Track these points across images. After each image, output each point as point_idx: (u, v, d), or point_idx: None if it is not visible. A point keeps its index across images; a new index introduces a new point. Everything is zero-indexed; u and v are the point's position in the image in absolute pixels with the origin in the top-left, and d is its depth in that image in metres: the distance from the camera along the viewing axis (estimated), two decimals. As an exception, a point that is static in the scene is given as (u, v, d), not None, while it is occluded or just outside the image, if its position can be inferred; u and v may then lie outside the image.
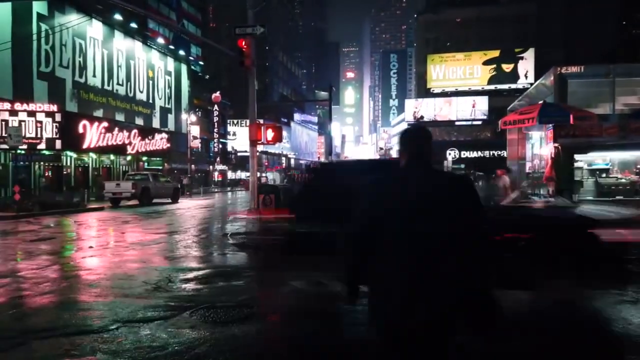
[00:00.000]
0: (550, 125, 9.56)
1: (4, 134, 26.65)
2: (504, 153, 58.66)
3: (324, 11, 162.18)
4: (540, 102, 11.93)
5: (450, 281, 2.04)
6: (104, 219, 17.70)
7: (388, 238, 2.11)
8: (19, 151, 26.53)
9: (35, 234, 13.28)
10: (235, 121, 76.24)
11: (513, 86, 64.83)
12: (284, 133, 44.95)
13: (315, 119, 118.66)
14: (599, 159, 13.92)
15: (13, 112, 27.31)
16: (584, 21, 57.78)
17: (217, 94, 58.37)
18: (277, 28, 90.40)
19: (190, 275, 7.69)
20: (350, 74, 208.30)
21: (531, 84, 60.71)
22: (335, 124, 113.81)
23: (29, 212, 18.54)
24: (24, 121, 27.06)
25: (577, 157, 11.63)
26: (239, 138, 73.43)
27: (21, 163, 28.50)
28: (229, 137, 68.63)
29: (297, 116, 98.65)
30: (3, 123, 26.94)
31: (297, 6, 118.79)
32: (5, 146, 26.98)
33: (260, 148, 74.74)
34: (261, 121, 15.00)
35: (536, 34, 64.12)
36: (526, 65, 64.79)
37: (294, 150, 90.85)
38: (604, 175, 13.71)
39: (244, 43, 12.26)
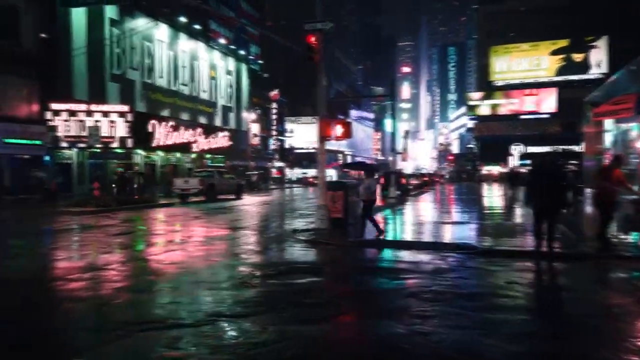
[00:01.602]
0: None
1: (81, 134, 28.35)
2: (576, 147, 55.70)
3: (379, 5, 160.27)
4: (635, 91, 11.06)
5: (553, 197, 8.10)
6: (176, 214, 18.32)
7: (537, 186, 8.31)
8: (94, 150, 28.10)
9: (116, 228, 13.93)
10: (292, 118, 76.98)
11: (584, 77, 61.27)
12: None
13: (371, 115, 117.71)
14: None
15: (89, 113, 28.89)
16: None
17: (276, 91, 59.13)
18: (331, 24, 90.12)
19: (270, 271, 7.71)
20: (406, 69, 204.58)
21: (604, 74, 57.21)
22: (390, 120, 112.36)
23: (107, 207, 19.51)
24: (99, 121, 28.53)
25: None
26: (296, 135, 74.14)
27: (96, 161, 30.25)
28: (286, 134, 69.36)
29: (353, 112, 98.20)
30: (80, 123, 28.57)
31: (352, 1, 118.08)
32: (82, 145, 28.72)
33: (316, 145, 75.37)
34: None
35: (609, 21, 59.94)
36: (599, 54, 60.95)
37: (350, 147, 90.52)
38: None
39: (313, 39, 12.20)
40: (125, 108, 30.30)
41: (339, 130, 12.74)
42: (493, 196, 31.04)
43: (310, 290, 6.63)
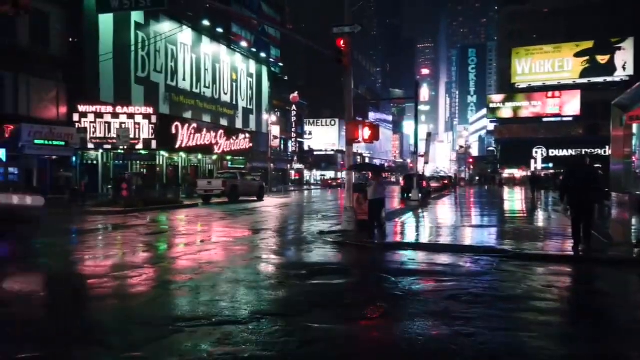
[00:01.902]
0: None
1: (107, 135, 28.94)
2: (600, 151, 54.77)
3: (399, 8, 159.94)
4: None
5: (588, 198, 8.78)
6: (201, 215, 18.59)
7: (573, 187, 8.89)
8: (119, 151, 28.64)
9: (147, 227, 14.22)
10: (311, 120, 77.26)
11: (609, 79, 60.23)
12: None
13: (390, 118, 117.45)
14: None
15: (115, 115, 29.48)
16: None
17: (295, 94, 59.47)
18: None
19: (304, 271, 7.81)
20: (425, 71, 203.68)
21: (630, 76, 56.16)
22: (408, 123, 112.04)
23: (134, 207, 19.88)
24: (124, 123, 29.09)
25: None
26: (315, 137, 74.38)
27: (121, 162, 30.81)
28: (305, 136, 69.67)
29: (371, 115, 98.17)
30: (106, 125, 29.17)
31: (372, 3, 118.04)
32: (108, 146, 29.31)
33: (334, 147, 75.06)
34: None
35: (636, 22, 58.81)
36: (624, 55, 59.84)
37: (368, 150, 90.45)
38: None
39: (342, 42, 12.30)
40: (149, 110, 30.85)
41: (366, 132, 12.82)
42: (515, 199, 30.72)
43: (348, 291, 6.73)
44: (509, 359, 4.11)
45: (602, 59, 61.07)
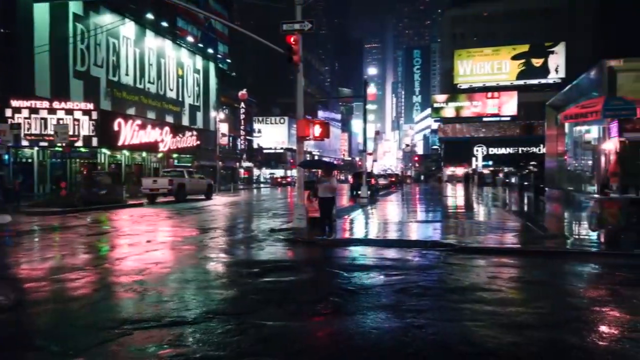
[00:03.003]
0: (614, 119, 9.33)
1: (43, 132, 27.40)
2: (535, 149, 57.81)
3: (347, 8, 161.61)
4: (595, 94, 11.68)
5: None
6: (147, 215, 17.98)
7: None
8: (56, 148, 27.18)
9: (88, 228, 13.57)
10: (260, 118, 76.66)
11: (543, 81, 63.60)
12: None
13: (338, 116, 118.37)
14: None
15: (52, 111, 27.95)
16: (616, 13, 56.14)
17: (244, 91, 58.71)
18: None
19: (256, 269, 7.74)
20: (372, 71, 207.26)
21: (562, 79, 59.57)
22: (357, 121, 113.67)
23: (74, 207, 18.93)
24: (62, 119, 27.62)
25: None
26: (264, 135, 73.81)
27: (58, 160, 29.24)
28: (254, 134, 69.00)
29: (320, 113, 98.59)
30: (42, 121, 27.60)
31: (321, 2, 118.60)
32: (44, 143, 27.76)
33: (284, 145, 74.75)
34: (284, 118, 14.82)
35: (567, 28, 62.56)
36: (557, 59, 63.46)
37: (317, 148, 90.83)
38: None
39: (292, 39, 12.26)
40: (89, 106, 29.48)
41: (317, 130, 12.86)
42: (457, 196, 31.88)
43: (300, 288, 6.73)
44: (459, 348, 4.24)
45: (537, 62, 64.45)
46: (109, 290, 6.44)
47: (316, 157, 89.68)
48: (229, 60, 66.08)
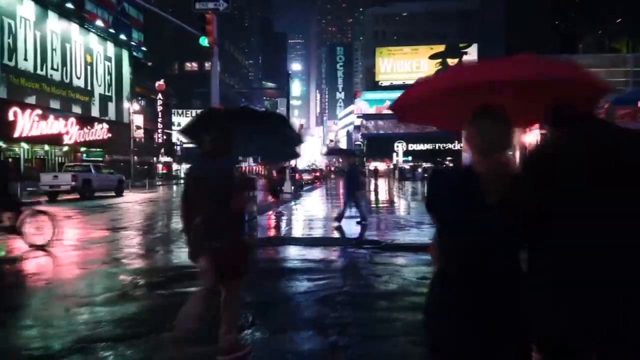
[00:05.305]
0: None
1: None
2: (451, 145, 60.10)
3: (270, 1, 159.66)
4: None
5: None
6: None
7: None
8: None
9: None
10: (179, 111, 73.27)
11: (459, 80, 66.47)
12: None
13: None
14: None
15: None
16: (524, 17, 59.95)
17: (161, 82, 55.67)
18: (222, 15, 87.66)
19: (157, 278, 6.65)
20: (297, 66, 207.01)
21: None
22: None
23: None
24: (-57, 107, 24.20)
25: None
26: (184, 129, 70.67)
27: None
28: (173, 127, 65.77)
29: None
30: None
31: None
32: None
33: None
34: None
35: (479, 30, 65.92)
36: (470, 60, 66.51)
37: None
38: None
39: (208, 16, 11.15)
40: (-22, 92, 26.10)
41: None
42: (379, 191, 32.12)
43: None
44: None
45: (452, 62, 67.17)
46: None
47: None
48: (144, 49, 62.43)
